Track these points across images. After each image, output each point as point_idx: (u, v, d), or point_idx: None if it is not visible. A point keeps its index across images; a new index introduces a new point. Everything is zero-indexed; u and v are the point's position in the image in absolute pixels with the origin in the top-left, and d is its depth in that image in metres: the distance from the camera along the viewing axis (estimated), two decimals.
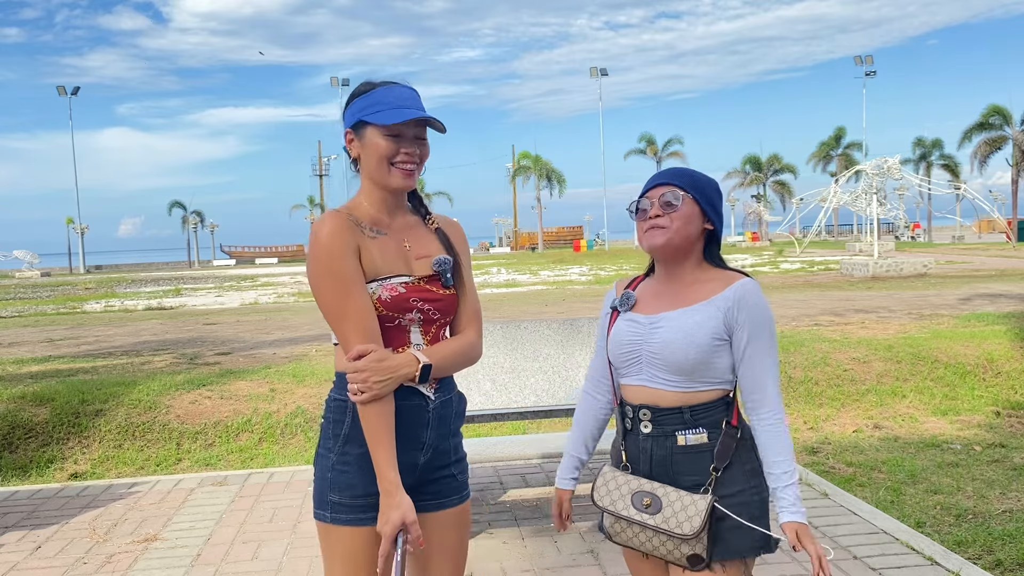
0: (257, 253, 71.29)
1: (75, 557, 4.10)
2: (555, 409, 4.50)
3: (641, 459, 2.02)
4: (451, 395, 2.04)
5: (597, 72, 67.70)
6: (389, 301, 1.91)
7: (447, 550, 2.06)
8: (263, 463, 5.84)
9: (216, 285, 31.58)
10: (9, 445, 6.01)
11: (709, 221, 2.02)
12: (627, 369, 2.03)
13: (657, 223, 1.99)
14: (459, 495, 2.07)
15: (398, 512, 1.83)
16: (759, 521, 1.95)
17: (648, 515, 1.94)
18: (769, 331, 1.96)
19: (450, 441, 2.05)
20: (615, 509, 2.00)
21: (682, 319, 1.95)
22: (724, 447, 1.95)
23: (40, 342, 12.02)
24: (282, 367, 7.78)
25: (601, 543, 3.97)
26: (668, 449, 1.97)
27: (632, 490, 1.99)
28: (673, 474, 1.97)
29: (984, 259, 28.42)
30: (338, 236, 1.87)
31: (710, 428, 1.95)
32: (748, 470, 1.96)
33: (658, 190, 2.02)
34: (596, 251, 58.95)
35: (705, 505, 1.89)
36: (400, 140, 1.92)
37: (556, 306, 15.40)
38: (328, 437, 1.96)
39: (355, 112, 1.94)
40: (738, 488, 1.94)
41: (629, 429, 2.04)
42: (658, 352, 1.96)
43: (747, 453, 1.97)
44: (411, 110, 1.92)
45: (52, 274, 53.24)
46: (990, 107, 52.80)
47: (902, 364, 7.37)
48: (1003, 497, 4.65)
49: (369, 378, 1.82)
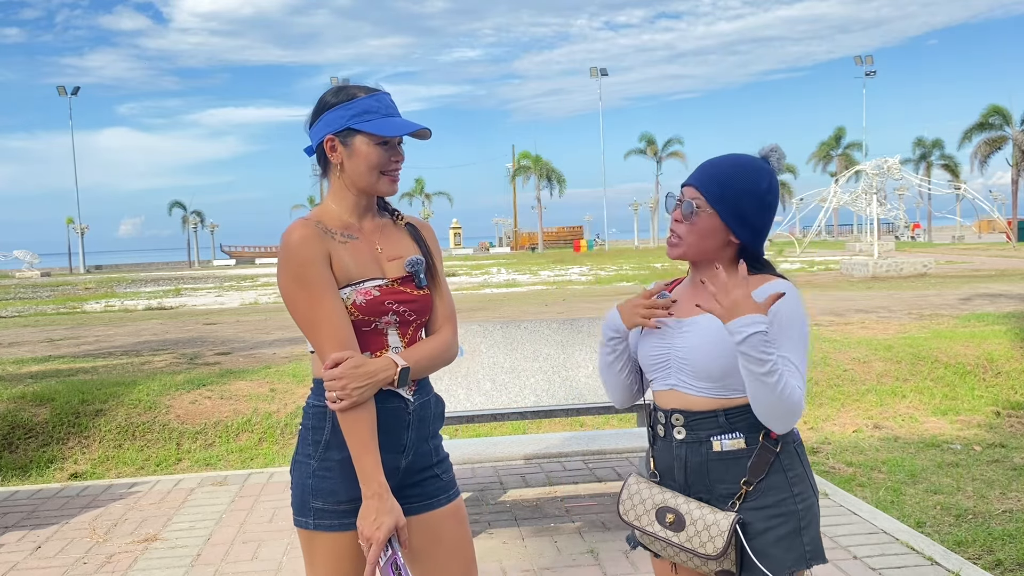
0: (257, 253, 71.24)
1: (75, 557, 4.10)
2: (555, 409, 4.50)
3: (676, 467, 1.90)
4: (429, 397, 2.04)
5: (597, 72, 67.71)
6: (364, 305, 1.90)
7: (449, 548, 2.05)
8: (263, 463, 5.84)
9: (216, 285, 31.56)
10: (9, 445, 6.00)
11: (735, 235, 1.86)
12: (656, 373, 1.93)
13: (675, 229, 1.88)
14: (447, 494, 2.06)
15: (391, 517, 1.83)
16: (806, 532, 1.83)
17: (672, 532, 1.85)
18: (799, 332, 1.80)
19: (430, 443, 2.04)
20: (640, 524, 1.91)
21: (711, 323, 1.83)
22: (760, 460, 1.82)
23: (40, 342, 12.02)
24: (282, 367, 7.77)
25: (601, 543, 3.97)
26: (704, 456, 1.86)
27: (656, 505, 1.89)
28: (709, 482, 1.86)
29: (984, 259, 28.42)
30: (308, 244, 1.87)
31: (748, 432, 1.83)
32: (791, 476, 1.84)
33: (689, 190, 1.88)
34: (596, 251, 58.98)
35: (728, 524, 1.78)
36: (389, 149, 1.95)
37: (556, 306, 15.40)
38: (307, 443, 1.95)
39: (340, 119, 1.92)
40: (780, 496, 1.82)
41: (661, 436, 1.93)
42: (685, 357, 1.86)
43: (790, 458, 1.85)
44: (400, 120, 1.95)
45: (52, 274, 53.22)
46: (990, 107, 52.84)
47: (902, 364, 7.36)
48: (1003, 497, 4.65)
49: (348, 385, 1.81)
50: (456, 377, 4.43)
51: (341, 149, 1.94)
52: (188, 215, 73.56)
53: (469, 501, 4.76)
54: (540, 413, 4.53)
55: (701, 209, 1.84)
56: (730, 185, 1.83)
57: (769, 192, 1.85)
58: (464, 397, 4.42)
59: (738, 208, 1.83)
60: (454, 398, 4.39)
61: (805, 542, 1.83)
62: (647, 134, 69.06)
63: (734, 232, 1.85)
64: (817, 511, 1.88)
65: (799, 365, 1.78)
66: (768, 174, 1.87)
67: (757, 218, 1.85)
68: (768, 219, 1.88)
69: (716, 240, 1.86)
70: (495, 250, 75.08)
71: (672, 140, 69.99)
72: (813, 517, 1.86)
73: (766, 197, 1.85)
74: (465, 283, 25.67)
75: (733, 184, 1.84)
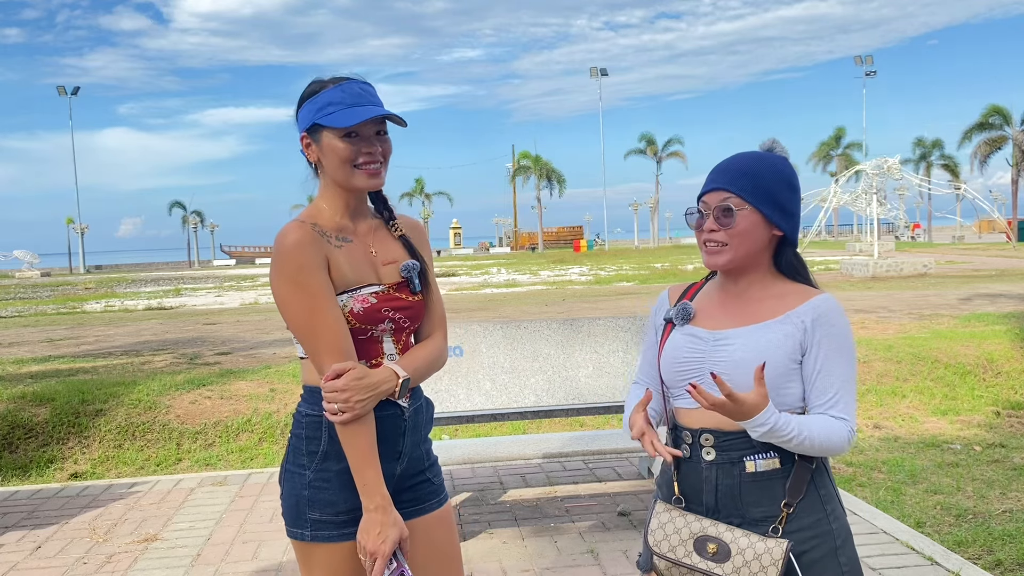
0: (257, 253, 71.25)
1: (75, 557, 4.10)
2: (555, 409, 4.50)
3: (705, 490, 1.77)
4: (421, 402, 2.00)
5: (597, 72, 67.74)
6: (361, 313, 1.85)
7: (439, 554, 2.02)
8: (263, 463, 5.84)
9: (216, 285, 31.57)
10: (9, 445, 6.00)
11: (777, 226, 1.77)
12: (684, 390, 1.77)
13: (714, 237, 1.76)
14: (437, 498, 2.03)
15: (396, 529, 1.80)
16: (842, 551, 1.74)
17: (715, 563, 1.70)
18: (850, 354, 1.72)
19: (422, 447, 2.01)
20: (675, 556, 1.75)
21: (755, 336, 1.73)
22: (798, 479, 1.72)
23: (40, 342, 12.02)
24: (282, 367, 7.77)
25: (601, 543, 3.97)
26: (736, 478, 1.73)
27: (694, 534, 1.74)
28: (743, 506, 1.74)
29: (984, 259, 28.43)
30: (305, 248, 1.80)
31: (783, 451, 1.72)
32: (823, 494, 1.75)
33: (715, 195, 1.77)
34: (596, 251, 58.98)
35: (782, 552, 1.65)
36: (359, 140, 1.84)
37: (556, 306, 15.40)
38: (301, 454, 1.88)
39: (308, 115, 1.85)
40: (816, 517, 1.73)
41: (687, 457, 1.80)
42: (728, 372, 1.71)
43: (821, 475, 1.76)
44: (364, 107, 1.83)
45: (52, 274, 53.23)
46: (990, 107, 52.89)
47: (902, 364, 7.36)
48: (1003, 497, 4.65)
49: (351, 398, 1.75)
50: (456, 377, 4.43)
51: (314, 147, 1.87)
52: (188, 215, 73.62)
53: (469, 501, 4.76)
54: (540, 413, 4.52)
55: (739, 208, 1.74)
56: (760, 176, 1.76)
57: (794, 175, 1.81)
58: (464, 397, 4.42)
59: (774, 198, 1.76)
60: (454, 398, 4.39)
61: (842, 563, 1.74)
62: (647, 134, 69.17)
63: (776, 224, 1.77)
64: (850, 529, 1.80)
65: (850, 390, 1.71)
66: (784, 160, 1.82)
67: (792, 204, 1.79)
68: (799, 203, 1.82)
69: (760, 237, 1.76)
70: (495, 250, 75.12)
71: (672, 140, 70.14)
72: (848, 535, 1.78)
73: (793, 180, 1.80)
74: (465, 283, 25.67)
75: (763, 176, 1.76)
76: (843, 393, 1.70)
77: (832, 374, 1.69)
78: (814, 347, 1.70)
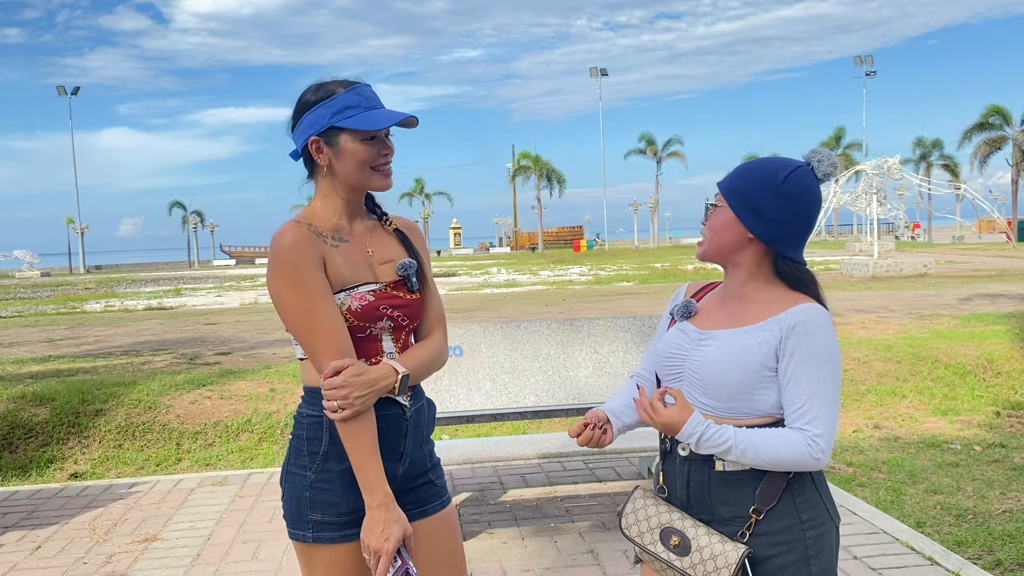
0: (257, 253, 71.23)
1: (75, 557, 4.10)
2: (555, 409, 4.50)
3: (679, 484, 1.83)
4: (423, 402, 2.00)
5: (597, 72, 67.74)
6: (359, 311, 1.85)
7: (443, 557, 2.01)
8: (263, 463, 5.84)
9: (216, 285, 31.57)
10: (9, 445, 6.00)
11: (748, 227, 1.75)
12: (670, 384, 1.84)
13: (702, 231, 1.84)
14: (440, 500, 2.02)
15: (399, 526, 1.79)
16: (815, 561, 1.72)
17: (675, 555, 1.75)
18: (826, 365, 1.67)
19: (424, 448, 2.01)
20: (642, 542, 1.82)
21: (732, 339, 1.74)
22: (771, 486, 1.71)
23: (40, 342, 12.02)
24: (282, 367, 7.77)
25: (601, 543, 3.97)
26: (706, 475, 1.77)
27: (661, 524, 1.79)
28: (712, 503, 1.77)
29: (984, 259, 28.42)
30: (301, 247, 1.81)
31: None
32: (800, 501, 1.73)
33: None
34: (596, 251, 58.99)
35: (736, 558, 1.67)
36: (377, 143, 1.89)
37: (556, 306, 15.40)
38: (302, 455, 1.89)
39: (322, 118, 1.86)
40: (786, 523, 1.71)
41: (668, 451, 1.86)
42: (698, 371, 1.76)
43: (800, 483, 1.73)
44: (384, 111, 1.89)
45: (52, 274, 53.22)
46: (990, 107, 52.85)
47: (902, 364, 7.36)
48: (1003, 497, 4.65)
49: (350, 394, 1.75)
50: (456, 377, 4.44)
51: (327, 150, 1.88)
52: (188, 215, 73.61)
53: (469, 501, 4.76)
54: (540, 413, 4.53)
55: (718, 205, 1.80)
56: (743, 178, 1.77)
57: (786, 183, 1.72)
58: (464, 397, 4.42)
59: (747, 197, 1.74)
60: (454, 398, 4.39)
61: (814, 572, 1.72)
62: (647, 134, 69.20)
63: (746, 224, 1.74)
64: (833, 539, 1.78)
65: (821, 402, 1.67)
66: (791, 169, 1.75)
67: (772, 210, 1.72)
68: (790, 214, 1.72)
69: (731, 235, 1.77)
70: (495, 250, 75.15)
71: (672, 140, 70.18)
72: (825, 545, 1.75)
73: (782, 187, 1.72)
74: (465, 283, 25.67)
75: (747, 178, 1.77)
76: (811, 404, 1.66)
77: (800, 384, 1.67)
78: (786, 356, 1.68)
